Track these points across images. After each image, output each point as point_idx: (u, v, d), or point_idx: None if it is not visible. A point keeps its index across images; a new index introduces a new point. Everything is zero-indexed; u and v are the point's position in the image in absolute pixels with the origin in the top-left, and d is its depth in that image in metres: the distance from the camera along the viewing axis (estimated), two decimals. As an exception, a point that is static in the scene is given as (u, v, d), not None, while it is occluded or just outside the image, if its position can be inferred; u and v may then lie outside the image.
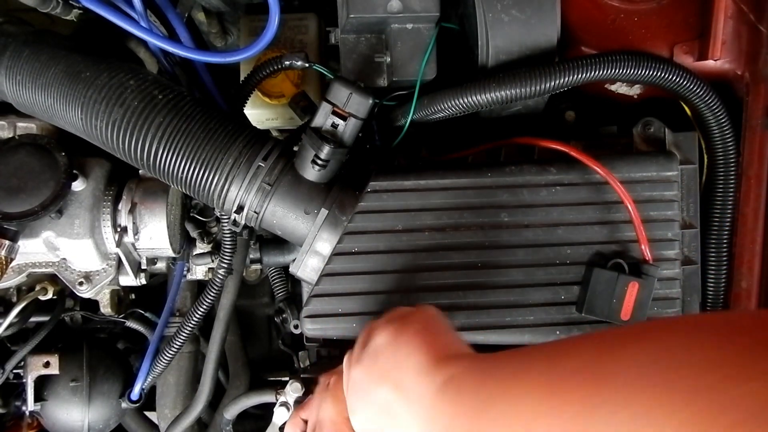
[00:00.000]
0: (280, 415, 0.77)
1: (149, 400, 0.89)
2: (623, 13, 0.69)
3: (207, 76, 0.74)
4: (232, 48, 0.87)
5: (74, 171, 0.71)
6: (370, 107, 0.62)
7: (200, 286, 0.91)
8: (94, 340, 0.89)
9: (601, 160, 0.65)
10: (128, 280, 0.81)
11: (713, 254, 0.72)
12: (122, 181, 0.77)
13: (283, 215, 0.64)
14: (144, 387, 0.83)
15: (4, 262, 0.68)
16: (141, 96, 0.63)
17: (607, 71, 0.65)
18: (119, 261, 0.78)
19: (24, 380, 0.82)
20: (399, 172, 0.67)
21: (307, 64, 0.66)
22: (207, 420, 0.95)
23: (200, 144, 0.63)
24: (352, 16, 0.65)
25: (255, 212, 0.64)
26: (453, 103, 0.66)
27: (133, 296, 0.90)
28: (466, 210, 0.66)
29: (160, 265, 0.84)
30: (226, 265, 0.75)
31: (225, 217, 0.69)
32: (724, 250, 0.72)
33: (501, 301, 0.65)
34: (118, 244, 0.75)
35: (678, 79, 0.67)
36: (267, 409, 0.89)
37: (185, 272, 0.85)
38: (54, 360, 0.82)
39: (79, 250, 0.74)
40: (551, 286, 0.66)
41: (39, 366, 0.82)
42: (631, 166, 0.67)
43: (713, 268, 0.72)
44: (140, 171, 0.77)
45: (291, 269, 0.67)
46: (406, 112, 0.69)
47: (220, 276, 0.76)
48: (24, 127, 0.76)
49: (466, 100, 0.65)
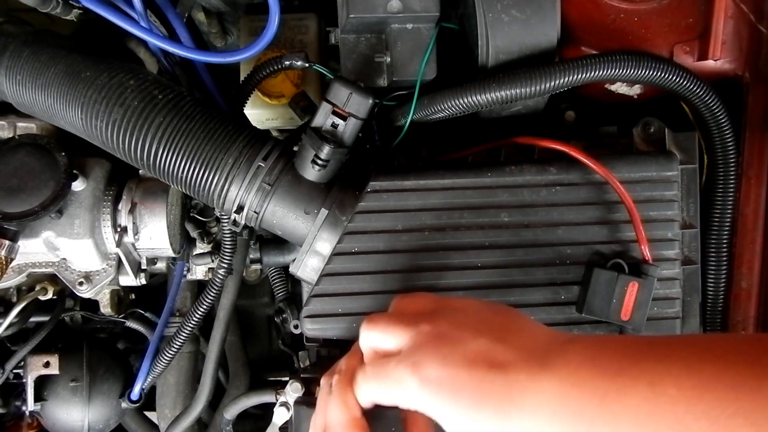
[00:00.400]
0: (280, 415, 0.77)
1: (149, 400, 0.89)
2: (623, 13, 0.69)
3: (207, 76, 0.74)
4: (232, 48, 0.87)
5: (74, 171, 0.71)
6: (370, 107, 0.62)
7: (200, 286, 0.91)
8: (94, 340, 0.89)
9: (601, 160, 0.65)
10: (128, 280, 0.81)
11: (713, 254, 0.72)
12: (122, 181, 0.77)
13: (283, 215, 0.64)
14: (144, 387, 0.83)
15: (4, 262, 0.68)
16: (141, 96, 0.63)
17: (607, 71, 0.65)
18: (119, 261, 0.78)
19: (24, 380, 0.82)
20: (399, 172, 0.67)
21: (307, 64, 0.66)
22: (207, 420, 0.95)
23: (200, 144, 0.63)
24: (352, 16, 0.65)
25: (255, 212, 0.64)
26: (453, 103, 0.66)
27: (133, 296, 0.90)
28: (466, 210, 0.66)
29: (160, 265, 0.84)
30: (226, 265, 0.75)
31: (225, 217, 0.69)
32: (724, 250, 0.72)
33: (501, 300, 0.65)
34: (118, 244, 0.75)
35: (678, 79, 0.67)
36: (267, 409, 0.89)
37: (185, 272, 0.85)
38: (54, 360, 0.82)
39: (79, 250, 0.74)
40: (551, 286, 0.66)
41: (39, 366, 0.82)
42: (631, 166, 0.67)
43: (713, 268, 0.72)
44: (140, 171, 0.77)
45: (291, 269, 0.67)
46: (406, 112, 0.69)
47: (220, 276, 0.76)
48: (24, 127, 0.76)
49: (466, 100, 0.65)
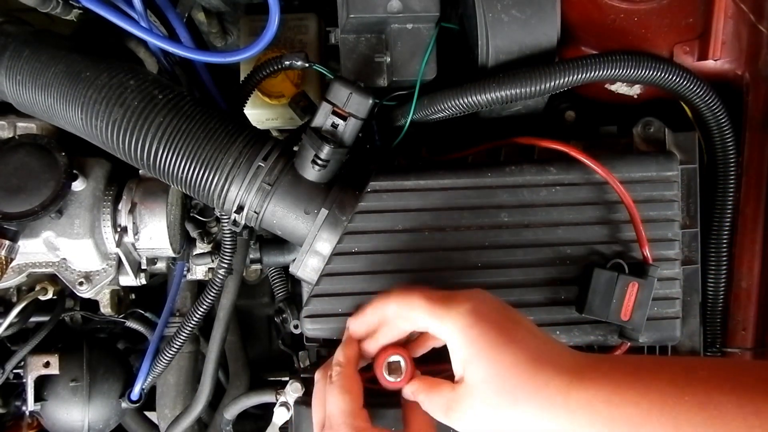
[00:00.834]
0: (280, 415, 0.77)
1: (149, 400, 0.89)
2: (623, 13, 0.69)
3: (207, 76, 0.74)
4: (232, 48, 0.87)
5: (74, 171, 0.71)
6: (370, 107, 0.62)
7: (200, 286, 0.91)
8: (94, 340, 0.89)
9: (601, 160, 0.65)
10: (128, 280, 0.81)
11: (713, 254, 0.72)
12: (122, 181, 0.77)
13: (283, 215, 0.64)
14: (144, 387, 0.83)
15: (4, 262, 0.68)
16: (141, 96, 0.63)
17: (607, 71, 0.65)
18: (119, 261, 0.78)
19: (24, 380, 0.82)
20: (399, 172, 0.67)
21: (307, 64, 0.66)
22: (207, 420, 0.95)
23: (200, 144, 0.63)
24: (352, 16, 0.65)
25: (255, 212, 0.64)
26: (453, 103, 0.66)
27: (133, 296, 0.90)
28: (466, 210, 0.66)
29: (160, 265, 0.84)
30: (226, 265, 0.75)
31: (225, 217, 0.69)
32: (724, 250, 0.72)
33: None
34: (118, 244, 0.75)
35: (678, 79, 0.67)
36: (267, 409, 0.89)
37: (185, 272, 0.85)
38: (54, 360, 0.82)
39: (79, 250, 0.74)
40: (551, 286, 0.66)
41: (39, 366, 0.82)
42: (631, 166, 0.67)
43: (713, 268, 0.72)
44: (140, 171, 0.77)
45: (291, 269, 0.67)
46: (406, 112, 0.69)
47: (220, 276, 0.76)
48: (24, 127, 0.76)
49: (466, 100, 0.65)
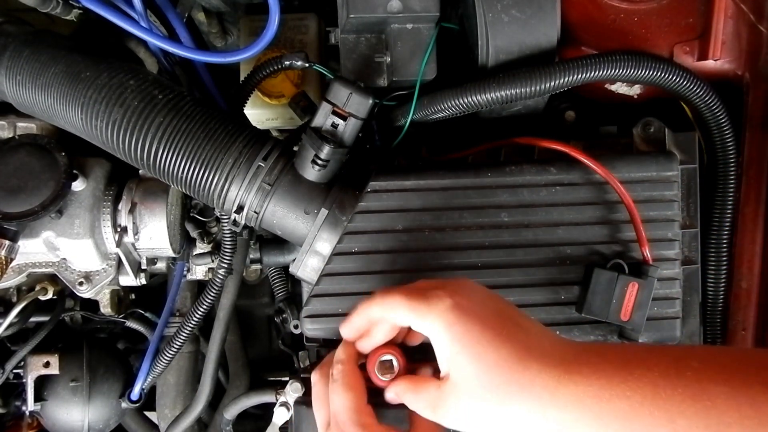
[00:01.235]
0: (280, 415, 0.77)
1: (149, 400, 0.89)
2: (623, 13, 0.69)
3: (207, 76, 0.74)
4: (232, 48, 0.87)
5: (74, 171, 0.71)
6: (370, 107, 0.62)
7: (200, 286, 0.91)
8: (94, 340, 0.89)
9: (601, 160, 0.65)
10: (128, 280, 0.81)
11: (713, 254, 0.72)
12: (122, 181, 0.77)
13: (283, 215, 0.64)
14: (144, 387, 0.83)
15: (4, 262, 0.68)
16: (141, 96, 0.63)
17: (607, 71, 0.65)
18: (119, 261, 0.78)
19: (24, 380, 0.82)
20: (399, 172, 0.67)
21: (307, 64, 0.66)
22: (207, 420, 0.95)
23: (200, 144, 0.63)
24: (352, 16, 0.65)
25: (255, 212, 0.64)
26: (453, 103, 0.66)
27: (133, 296, 0.90)
28: (466, 210, 0.66)
29: (160, 265, 0.84)
30: (226, 265, 0.75)
31: (225, 217, 0.69)
32: (724, 250, 0.72)
33: (501, 301, 0.65)
34: (118, 244, 0.75)
35: (678, 79, 0.67)
36: (267, 409, 0.90)
37: (185, 272, 0.85)
38: (54, 360, 0.82)
39: (79, 250, 0.74)
40: (551, 286, 0.66)
41: (39, 366, 0.82)
42: (631, 166, 0.67)
43: (713, 268, 0.72)
44: (140, 171, 0.77)
45: (291, 269, 0.67)
46: (406, 112, 0.69)
47: (220, 276, 0.76)
48: (24, 127, 0.76)
49: (466, 100, 0.65)
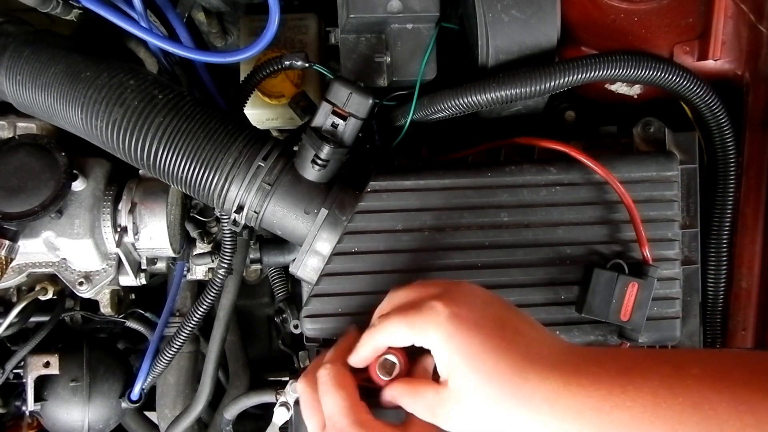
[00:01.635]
0: (280, 415, 0.77)
1: (149, 400, 0.89)
2: (623, 13, 0.69)
3: (207, 76, 0.74)
4: (232, 48, 0.87)
5: (74, 171, 0.71)
6: (370, 107, 0.62)
7: (200, 286, 0.91)
8: (94, 340, 0.89)
9: (601, 160, 0.65)
10: (128, 280, 0.81)
11: (713, 254, 0.72)
12: (122, 181, 0.77)
13: (283, 215, 0.64)
14: (144, 387, 0.83)
15: (4, 262, 0.68)
16: (141, 96, 0.63)
17: (607, 71, 0.65)
18: (119, 261, 0.78)
19: (24, 380, 0.82)
20: (399, 172, 0.67)
21: (307, 64, 0.66)
22: (207, 420, 0.95)
23: (200, 144, 0.63)
24: (352, 16, 0.65)
25: (255, 212, 0.64)
26: (453, 103, 0.66)
27: (133, 296, 0.90)
28: (466, 210, 0.66)
29: (160, 265, 0.84)
30: (226, 265, 0.75)
31: (225, 217, 0.69)
32: (724, 250, 0.72)
33: (501, 301, 0.65)
34: (118, 244, 0.75)
35: (678, 79, 0.67)
36: (267, 409, 0.90)
37: (185, 272, 0.85)
38: (54, 360, 0.82)
39: (79, 250, 0.74)
40: (551, 286, 0.66)
41: (39, 366, 0.82)
42: (631, 166, 0.67)
43: (713, 268, 0.72)
44: (140, 171, 0.77)
45: (291, 269, 0.67)
46: (406, 112, 0.69)
47: (220, 276, 0.76)
48: (24, 127, 0.76)
49: (466, 100, 0.65)
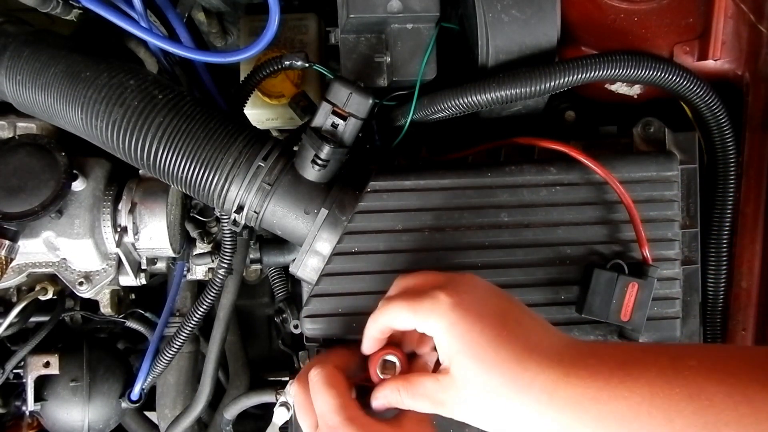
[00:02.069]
0: (280, 415, 0.77)
1: (149, 400, 0.89)
2: (623, 13, 0.69)
3: (207, 76, 0.74)
4: (232, 48, 0.87)
5: (74, 171, 0.71)
6: (370, 107, 0.62)
7: (200, 286, 0.91)
8: (94, 340, 0.89)
9: (601, 160, 0.65)
10: (128, 280, 0.81)
11: (713, 254, 0.72)
12: (122, 181, 0.77)
13: (283, 215, 0.64)
14: (144, 387, 0.83)
15: (4, 262, 0.68)
16: (141, 96, 0.63)
17: (607, 71, 0.65)
18: (119, 261, 0.78)
19: (24, 380, 0.82)
20: (399, 172, 0.67)
21: (307, 64, 0.66)
22: (207, 420, 0.95)
23: (200, 144, 0.63)
24: (352, 16, 0.65)
25: (255, 212, 0.64)
26: (453, 103, 0.66)
27: (133, 296, 0.90)
28: (466, 210, 0.66)
29: (160, 265, 0.84)
30: (226, 265, 0.75)
31: (225, 217, 0.69)
32: (724, 250, 0.72)
33: (501, 301, 0.65)
34: (118, 244, 0.75)
35: (678, 79, 0.67)
36: (267, 409, 0.90)
37: (185, 272, 0.85)
38: (54, 360, 0.82)
39: (79, 250, 0.74)
40: (551, 286, 0.66)
41: (39, 366, 0.82)
42: (631, 166, 0.67)
43: (713, 268, 0.72)
44: (140, 171, 0.77)
45: (291, 269, 0.67)
46: (406, 112, 0.69)
47: (220, 276, 0.76)
48: (24, 127, 0.76)
49: (466, 100, 0.65)
